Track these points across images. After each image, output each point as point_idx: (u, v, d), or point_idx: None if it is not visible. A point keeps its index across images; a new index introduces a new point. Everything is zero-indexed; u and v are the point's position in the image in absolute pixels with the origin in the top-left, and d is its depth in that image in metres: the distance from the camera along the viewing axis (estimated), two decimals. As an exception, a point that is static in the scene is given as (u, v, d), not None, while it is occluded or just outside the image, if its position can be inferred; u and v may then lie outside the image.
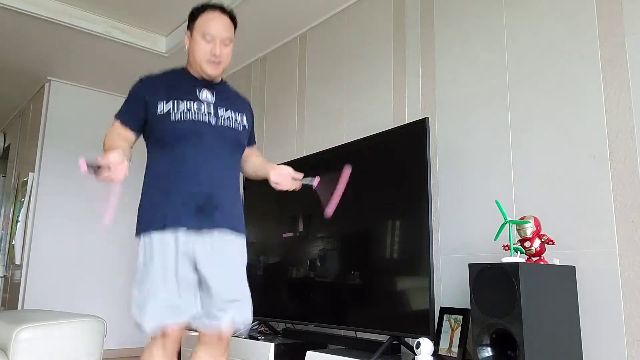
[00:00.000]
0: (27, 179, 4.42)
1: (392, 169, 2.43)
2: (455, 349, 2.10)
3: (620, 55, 1.92)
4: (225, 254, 1.65)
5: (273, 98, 3.78)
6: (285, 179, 1.80)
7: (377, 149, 2.55)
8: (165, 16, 3.61)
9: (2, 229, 5.31)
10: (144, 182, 1.70)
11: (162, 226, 1.59)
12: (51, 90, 4.49)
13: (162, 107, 1.66)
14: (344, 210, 2.73)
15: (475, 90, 2.40)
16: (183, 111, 1.66)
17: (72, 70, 4.34)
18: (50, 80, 4.49)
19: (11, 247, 4.59)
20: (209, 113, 1.70)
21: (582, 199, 1.96)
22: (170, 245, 1.58)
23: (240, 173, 1.87)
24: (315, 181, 1.79)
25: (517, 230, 1.93)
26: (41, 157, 4.39)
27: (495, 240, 2.00)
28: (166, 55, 3.95)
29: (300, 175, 1.82)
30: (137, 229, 1.64)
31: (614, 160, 1.90)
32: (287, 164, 2.77)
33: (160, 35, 3.92)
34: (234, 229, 1.70)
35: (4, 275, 4.86)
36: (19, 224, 4.47)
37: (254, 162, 1.93)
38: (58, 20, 3.49)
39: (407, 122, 2.54)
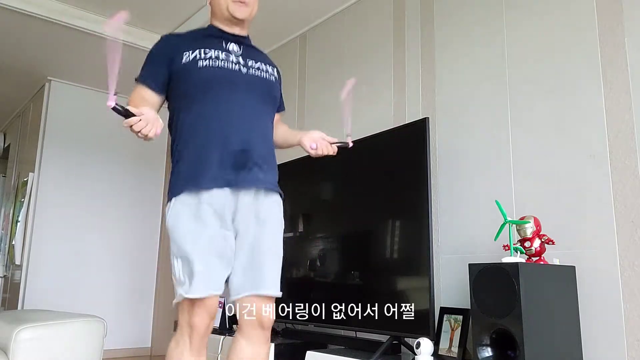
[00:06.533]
0: (27, 179, 4.41)
1: (392, 169, 2.43)
2: (455, 349, 2.10)
3: (620, 55, 1.92)
4: (271, 216, 1.56)
5: (273, 98, 3.78)
6: (322, 143, 1.66)
7: (377, 149, 2.55)
8: (165, 16, 3.60)
9: (2, 229, 5.31)
10: (173, 144, 1.58)
11: (200, 186, 1.47)
12: (51, 90, 4.48)
13: (188, 56, 1.55)
14: (344, 210, 2.73)
15: (475, 90, 2.40)
16: (211, 57, 1.55)
17: (72, 70, 4.34)
18: (50, 80, 4.48)
19: (11, 247, 4.58)
20: (238, 62, 1.60)
21: (582, 199, 1.96)
22: (211, 206, 1.47)
23: None
24: (349, 141, 1.68)
25: (517, 230, 1.93)
26: (41, 157, 4.38)
27: (495, 240, 2.00)
28: (166, 55, 3.94)
29: (333, 139, 1.70)
30: (172, 191, 1.51)
31: (614, 160, 1.90)
32: (287, 163, 2.79)
33: (160, 35, 3.91)
34: (276, 187, 1.61)
35: (4, 275, 4.86)
36: (19, 224, 4.47)
37: (284, 129, 1.80)
38: (58, 20, 3.49)
39: (407, 122, 2.55)
